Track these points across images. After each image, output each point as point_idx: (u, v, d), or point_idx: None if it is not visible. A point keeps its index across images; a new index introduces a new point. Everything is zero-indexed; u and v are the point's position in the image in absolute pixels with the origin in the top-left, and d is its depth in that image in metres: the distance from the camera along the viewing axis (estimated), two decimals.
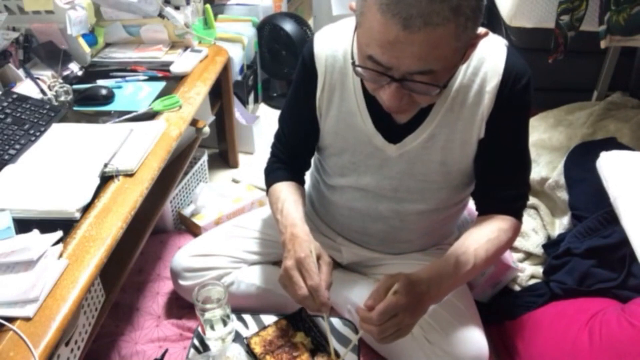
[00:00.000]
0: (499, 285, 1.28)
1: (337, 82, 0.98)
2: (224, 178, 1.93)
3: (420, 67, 0.74)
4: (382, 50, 0.74)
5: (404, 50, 0.72)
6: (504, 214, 1.00)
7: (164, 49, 1.56)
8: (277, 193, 1.08)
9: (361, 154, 1.02)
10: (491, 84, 0.90)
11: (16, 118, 1.19)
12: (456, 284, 0.94)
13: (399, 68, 0.75)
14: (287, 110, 1.13)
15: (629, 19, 1.29)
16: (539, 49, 1.46)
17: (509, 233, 0.99)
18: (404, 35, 0.70)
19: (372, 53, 0.76)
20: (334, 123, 1.02)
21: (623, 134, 1.48)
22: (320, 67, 0.99)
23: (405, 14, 0.69)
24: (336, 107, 1.00)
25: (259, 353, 1.01)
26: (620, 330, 1.01)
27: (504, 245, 0.99)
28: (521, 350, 1.15)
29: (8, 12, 1.42)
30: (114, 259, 0.96)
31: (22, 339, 0.76)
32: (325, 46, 0.98)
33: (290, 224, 0.99)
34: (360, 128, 0.99)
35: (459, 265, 0.92)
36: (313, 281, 0.90)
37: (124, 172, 1.07)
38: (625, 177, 0.96)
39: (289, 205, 1.03)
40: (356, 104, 0.98)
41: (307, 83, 1.01)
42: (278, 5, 2.31)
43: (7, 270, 0.85)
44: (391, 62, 0.75)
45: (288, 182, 1.11)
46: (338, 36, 0.98)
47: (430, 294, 0.87)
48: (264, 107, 2.36)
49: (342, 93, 0.99)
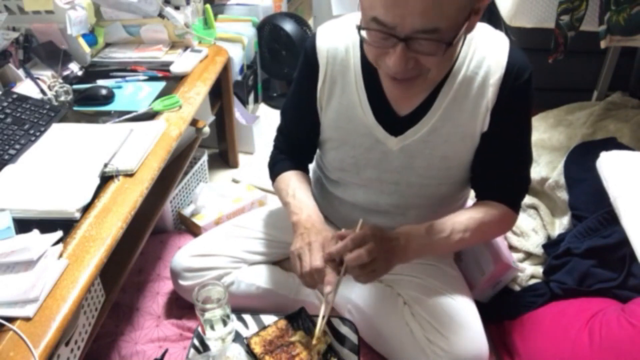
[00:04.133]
0: (499, 285, 1.28)
1: (339, 74, 0.99)
2: (224, 178, 1.93)
3: (424, 24, 0.74)
4: (386, 9, 0.74)
5: (407, 8, 0.73)
6: (500, 202, 1.03)
7: (164, 49, 1.56)
8: (287, 180, 1.10)
9: (361, 147, 1.02)
10: (495, 76, 0.91)
11: (16, 118, 1.19)
12: (429, 248, 0.97)
13: (404, 27, 0.75)
14: (289, 103, 1.14)
15: (629, 19, 1.29)
16: (539, 49, 1.46)
17: (496, 217, 1.01)
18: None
19: (376, 14, 0.76)
20: (334, 115, 1.02)
21: (623, 134, 1.48)
22: (321, 60, 0.99)
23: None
24: (337, 100, 1.01)
25: (258, 353, 1.01)
26: (620, 330, 1.01)
27: (489, 226, 1.02)
28: (521, 350, 1.15)
29: (8, 12, 1.42)
30: (114, 259, 0.96)
31: (22, 339, 0.76)
32: (327, 39, 0.99)
33: (305, 206, 1.02)
34: (361, 120, 0.99)
35: (433, 231, 0.96)
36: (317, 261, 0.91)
37: (124, 172, 1.07)
38: (625, 177, 0.96)
39: (300, 192, 1.06)
40: (357, 96, 0.98)
41: (309, 76, 1.02)
42: (278, 5, 2.31)
43: (7, 270, 0.85)
44: (395, 21, 0.75)
45: (296, 171, 1.13)
46: (340, 30, 0.99)
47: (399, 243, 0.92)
48: (264, 107, 2.37)
49: (343, 85, 0.99)
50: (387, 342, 1.09)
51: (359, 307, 1.14)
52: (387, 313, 1.10)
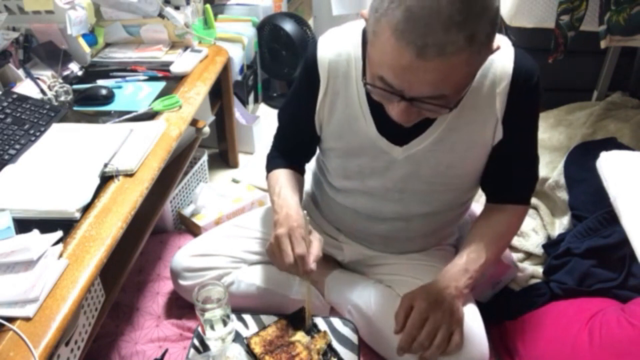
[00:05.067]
0: (499, 285, 1.28)
1: (341, 87, 0.98)
2: (224, 178, 1.93)
3: (431, 92, 0.75)
4: (394, 74, 0.74)
5: (416, 77, 0.73)
6: (514, 203, 1.05)
7: (164, 49, 1.56)
8: (276, 177, 1.12)
9: (367, 156, 1.02)
10: (501, 85, 0.90)
11: (16, 118, 1.19)
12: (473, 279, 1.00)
13: (410, 91, 0.75)
14: (286, 108, 1.14)
15: (629, 19, 1.29)
16: (539, 49, 1.45)
17: (517, 223, 1.07)
18: (418, 62, 0.70)
19: (384, 75, 0.76)
20: (337, 127, 1.02)
21: (623, 134, 1.48)
22: (322, 73, 0.98)
23: (420, 42, 0.69)
24: (340, 112, 1.00)
25: (258, 353, 1.01)
26: (620, 330, 1.01)
27: (513, 235, 1.09)
28: (521, 350, 1.15)
29: (8, 12, 1.42)
30: (114, 259, 0.96)
31: (22, 339, 0.76)
32: (328, 51, 0.98)
33: (286, 205, 1.02)
34: (364, 132, 0.99)
35: (470, 262, 0.99)
36: (301, 249, 0.94)
37: (124, 172, 1.07)
38: (625, 177, 0.96)
39: (286, 191, 1.06)
40: (360, 109, 0.98)
41: (309, 87, 1.01)
42: (278, 5, 2.31)
43: (7, 270, 0.85)
44: (403, 86, 0.75)
45: (287, 170, 1.13)
46: (342, 40, 0.97)
47: (449, 289, 0.95)
48: (264, 107, 2.36)
49: (346, 98, 0.98)
50: (387, 342, 1.09)
51: (359, 308, 1.14)
52: (387, 313, 1.10)
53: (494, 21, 0.72)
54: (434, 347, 0.91)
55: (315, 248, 0.96)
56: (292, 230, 0.96)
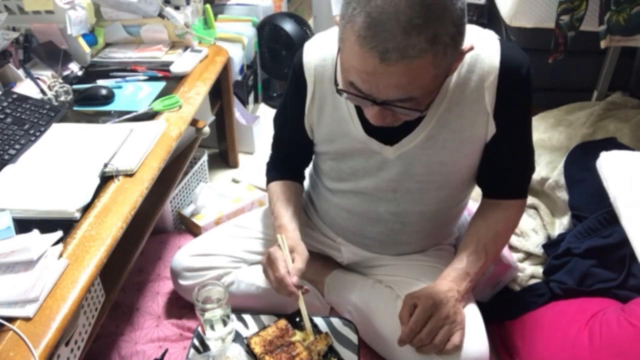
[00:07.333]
0: (499, 285, 1.28)
1: (328, 92, 0.99)
2: (224, 178, 1.93)
3: (399, 95, 0.75)
4: (362, 80, 0.75)
5: (382, 81, 0.73)
6: (511, 197, 1.05)
7: (164, 49, 1.56)
8: (271, 194, 1.16)
9: (359, 158, 1.02)
10: (489, 79, 0.89)
11: (16, 118, 1.19)
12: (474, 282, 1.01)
13: (379, 95, 0.76)
14: (279, 115, 1.16)
15: (629, 19, 1.29)
16: (539, 49, 1.46)
17: (515, 218, 1.07)
18: (382, 67, 0.71)
19: (353, 80, 0.77)
20: (327, 131, 1.03)
21: (623, 134, 1.48)
22: (309, 77, 0.99)
23: (381, 47, 0.69)
24: (329, 116, 1.01)
25: (258, 353, 1.01)
26: (620, 330, 1.01)
27: (512, 231, 1.09)
28: (521, 350, 1.15)
29: (8, 12, 1.42)
30: (114, 259, 0.96)
31: (22, 339, 0.76)
32: (314, 55, 0.98)
33: (277, 225, 1.08)
34: (353, 134, 0.99)
35: (471, 265, 1.00)
36: (278, 273, 0.97)
37: (124, 172, 1.07)
38: (625, 177, 0.96)
39: (279, 207, 1.11)
40: (347, 112, 0.98)
41: (297, 92, 1.03)
42: (278, 5, 2.31)
43: (7, 270, 0.85)
44: (371, 91, 0.76)
45: (281, 182, 1.16)
46: (327, 45, 0.98)
47: (452, 292, 0.95)
48: (264, 107, 2.36)
49: (333, 102, 0.99)
50: (387, 342, 1.09)
51: (359, 308, 1.14)
52: (387, 313, 1.10)
53: (457, 22, 0.71)
54: (432, 345, 0.92)
55: (297, 263, 0.99)
56: (269, 255, 1.01)
